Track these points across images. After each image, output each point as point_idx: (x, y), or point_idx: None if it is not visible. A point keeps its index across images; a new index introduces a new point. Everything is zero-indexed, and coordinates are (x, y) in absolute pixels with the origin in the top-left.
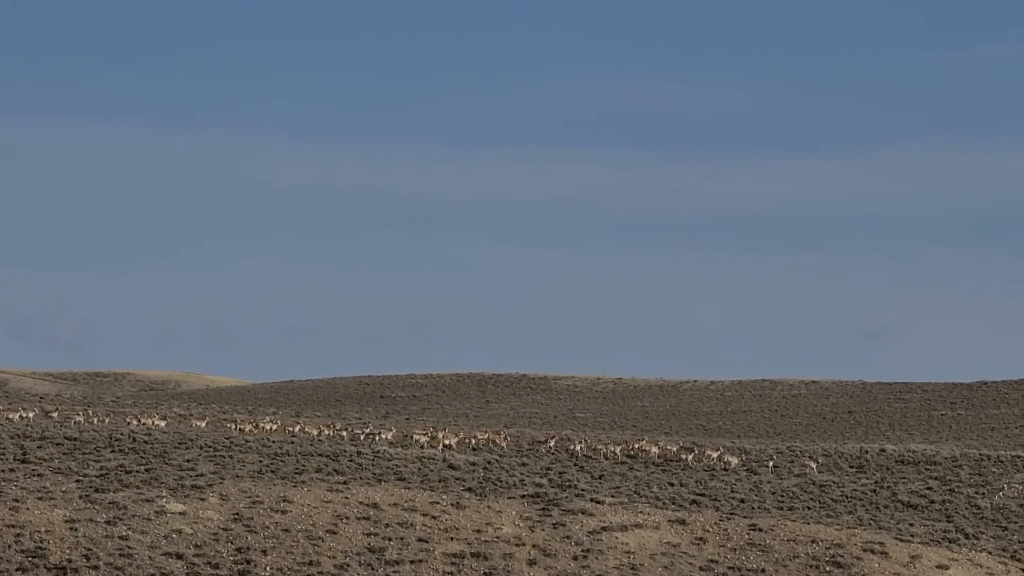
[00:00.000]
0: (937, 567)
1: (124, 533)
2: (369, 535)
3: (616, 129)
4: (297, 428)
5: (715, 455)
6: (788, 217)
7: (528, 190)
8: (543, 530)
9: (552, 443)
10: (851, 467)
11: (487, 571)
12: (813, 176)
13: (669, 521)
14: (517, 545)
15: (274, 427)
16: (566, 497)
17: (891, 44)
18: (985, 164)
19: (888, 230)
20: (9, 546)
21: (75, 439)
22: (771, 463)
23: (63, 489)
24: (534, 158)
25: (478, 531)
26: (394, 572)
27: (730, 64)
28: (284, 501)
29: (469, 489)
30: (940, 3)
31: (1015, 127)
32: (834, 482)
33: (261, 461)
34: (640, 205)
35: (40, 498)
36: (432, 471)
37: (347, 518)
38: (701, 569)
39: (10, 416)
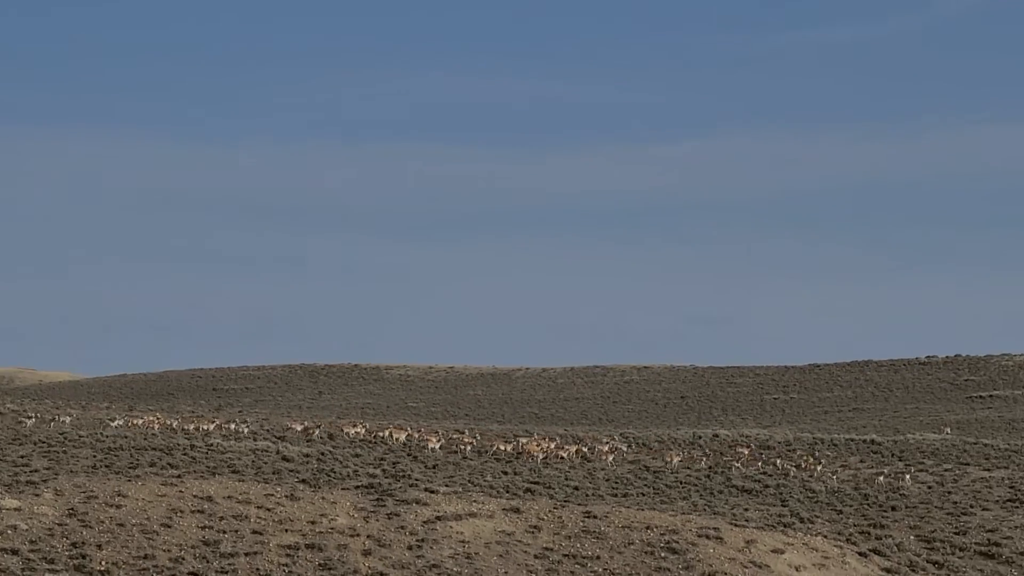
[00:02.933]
0: (772, 551)
1: None
2: (204, 528)
3: (441, 122)
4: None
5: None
6: (616, 204)
7: (355, 183)
8: (377, 520)
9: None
10: (687, 453)
11: (322, 562)
12: (641, 164)
13: (503, 510)
14: (352, 536)
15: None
16: (400, 487)
17: (714, 31)
18: (810, 150)
19: (716, 216)
20: None
21: None
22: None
23: None
24: (362, 152)
25: (313, 522)
26: (229, 565)
27: (557, 55)
28: (119, 495)
29: (303, 480)
30: None
31: (840, 114)
32: (668, 468)
33: (95, 456)
34: (469, 197)
35: None
36: (266, 463)
37: (182, 511)
38: (536, 557)
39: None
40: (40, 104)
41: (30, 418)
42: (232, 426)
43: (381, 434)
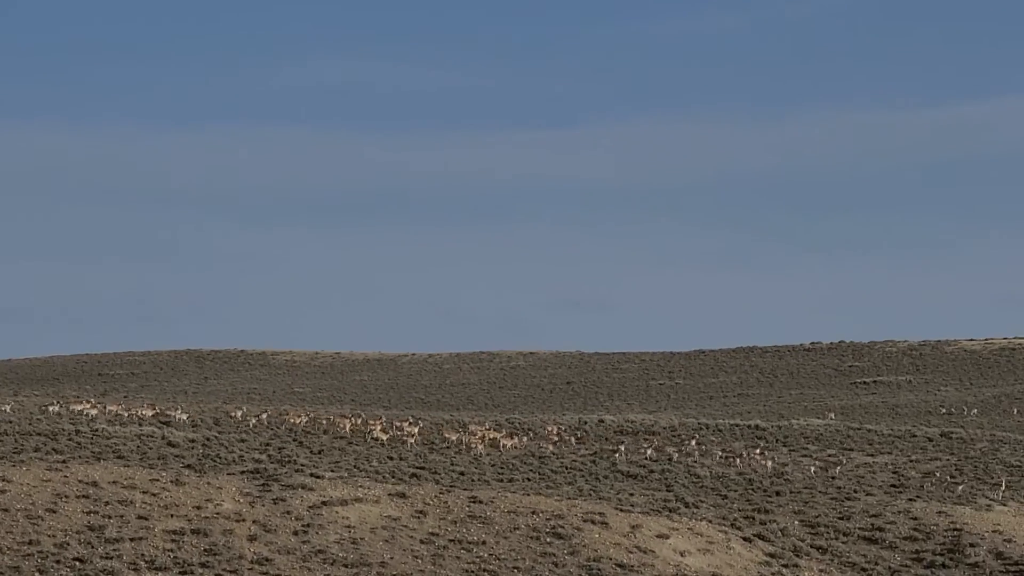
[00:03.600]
0: (657, 536)
1: None
2: (89, 513)
3: (319, 105)
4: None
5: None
6: (506, 190)
7: (238, 168)
8: (263, 506)
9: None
10: (575, 439)
11: (207, 547)
12: (529, 149)
13: (389, 495)
14: (237, 521)
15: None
16: (286, 472)
17: (589, 17)
18: (693, 136)
19: (604, 201)
20: None
21: None
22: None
23: None
24: (242, 135)
25: (198, 507)
26: (114, 550)
27: (429, 40)
28: (3, 480)
29: (189, 466)
30: None
31: (720, 100)
32: (554, 453)
33: None
34: (351, 180)
35: None
36: (151, 448)
37: (66, 497)
38: (422, 542)
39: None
40: None
41: None
42: (173, 414)
43: (326, 419)
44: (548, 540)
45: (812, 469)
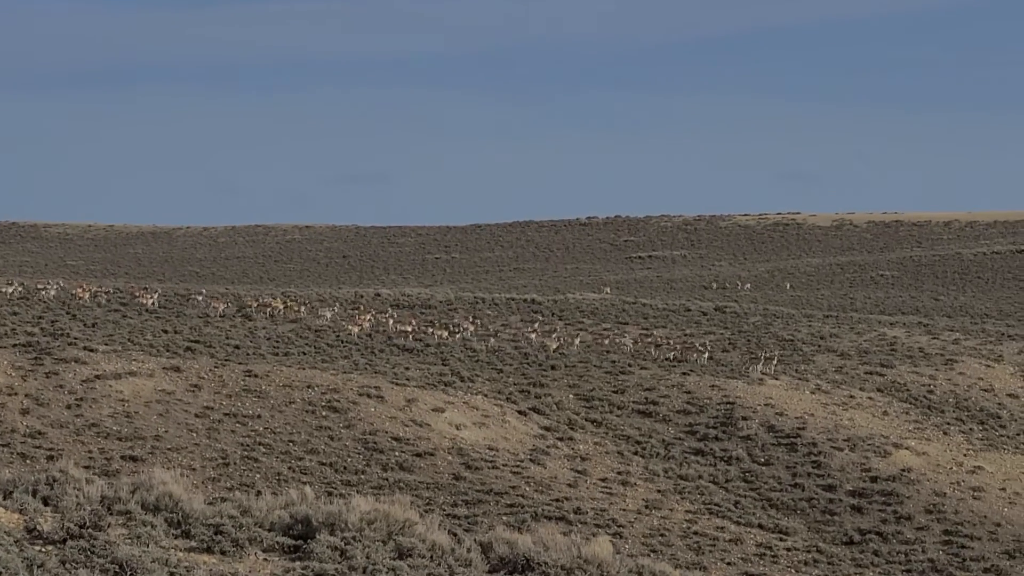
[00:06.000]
0: (433, 410)
1: None
2: None
3: None
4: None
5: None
6: (274, 62)
7: (8, 36)
8: (36, 379)
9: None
10: (349, 312)
11: None
12: (302, 21)
13: (164, 368)
14: (9, 395)
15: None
16: (58, 346)
17: None
18: (466, 8)
19: (374, 73)
20: None
21: None
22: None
23: None
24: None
25: None
26: None
27: None
28: None
29: None
30: None
31: None
32: (329, 327)
33: None
34: (119, 51)
35: None
36: None
37: None
38: (196, 416)
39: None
40: None
41: None
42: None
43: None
44: (324, 414)
45: (586, 343)
